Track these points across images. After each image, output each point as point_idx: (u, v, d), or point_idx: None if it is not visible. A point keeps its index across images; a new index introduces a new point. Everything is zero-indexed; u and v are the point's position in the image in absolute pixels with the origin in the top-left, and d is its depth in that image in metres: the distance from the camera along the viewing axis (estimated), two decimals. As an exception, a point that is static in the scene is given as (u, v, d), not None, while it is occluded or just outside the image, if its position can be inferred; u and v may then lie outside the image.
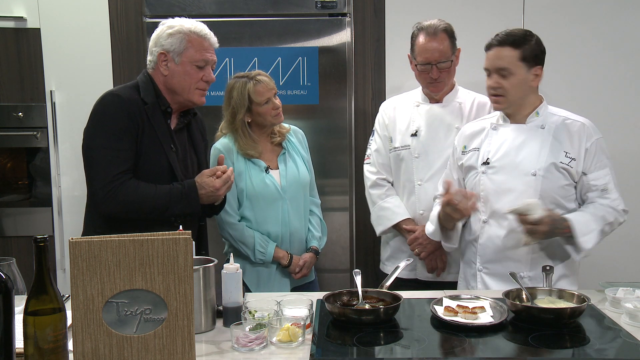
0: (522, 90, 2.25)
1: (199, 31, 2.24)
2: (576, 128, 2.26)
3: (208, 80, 2.27)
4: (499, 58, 2.23)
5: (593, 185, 2.23)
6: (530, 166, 2.23)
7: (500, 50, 2.23)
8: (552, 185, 2.21)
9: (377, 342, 1.74)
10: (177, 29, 2.22)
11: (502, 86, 2.23)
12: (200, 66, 2.24)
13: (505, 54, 2.22)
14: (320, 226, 2.80)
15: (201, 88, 2.27)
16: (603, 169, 2.24)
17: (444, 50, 2.55)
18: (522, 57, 2.21)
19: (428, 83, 2.62)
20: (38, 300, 1.44)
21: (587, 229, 2.16)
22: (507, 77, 2.22)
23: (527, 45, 2.22)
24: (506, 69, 2.22)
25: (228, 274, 1.86)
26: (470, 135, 2.41)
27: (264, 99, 2.56)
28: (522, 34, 2.25)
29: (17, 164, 3.41)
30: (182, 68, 2.23)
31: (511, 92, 2.24)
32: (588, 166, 2.23)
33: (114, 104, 2.17)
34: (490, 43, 2.26)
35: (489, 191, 2.28)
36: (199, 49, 2.23)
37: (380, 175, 2.77)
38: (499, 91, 2.25)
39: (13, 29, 3.20)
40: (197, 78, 2.25)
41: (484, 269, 2.32)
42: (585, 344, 1.71)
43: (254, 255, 2.60)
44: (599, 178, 2.23)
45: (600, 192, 2.22)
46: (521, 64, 2.22)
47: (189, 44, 2.22)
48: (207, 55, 2.25)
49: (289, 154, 2.69)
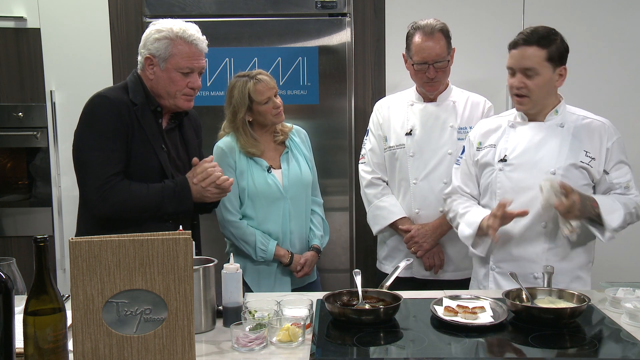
0: (546, 91, 2.21)
1: (187, 37, 2.18)
2: (596, 127, 2.23)
3: (194, 87, 2.23)
4: (525, 57, 2.16)
5: (617, 184, 2.21)
6: (549, 164, 2.20)
7: (527, 49, 2.16)
8: (571, 184, 2.15)
9: (377, 342, 1.74)
10: (164, 34, 2.17)
11: (527, 86, 2.18)
12: (186, 73, 2.20)
13: (532, 54, 2.15)
14: (323, 225, 2.80)
15: (187, 94, 2.23)
16: (624, 168, 2.23)
17: (441, 50, 2.56)
18: (549, 57, 2.16)
19: (424, 82, 2.63)
20: (38, 300, 1.44)
21: (612, 208, 2.13)
22: (533, 77, 2.17)
23: (553, 45, 2.17)
24: (532, 69, 2.16)
25: (228, 274, 1.86)
26: (486, 132, 2.37)
27: (264, 98, 2.56)
28: (548, 32, 2.18)
29: (17, 164, 3.41)
30: (167, 74, 2.19)
31: (535, 93, 2.19)
32: (610, 165, 2.21)
33: (102, 105, 2.16)
34: (516, 41, 2.19)
35: (506, 189, 2.24)
36: (185, 56, 2.18)
37: (375, 175, 2.77)
38: (523, 91, 2.19)
39: (13, 29, 3.20)
40: (182, 85, 2.20)
41: (497, 267, 2.29)
42: (585, 344, 1.71)
43: (255, 254, 2.60)
44: (621, 176, 2.21)
45: (623, 190, 2.21)
46: (547, 64, 2.17)
47: (174, 50, 2.17)
48: (192, 62, 2.19)
49: (291, 153, 2.69)
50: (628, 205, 2.18)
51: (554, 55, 2.17)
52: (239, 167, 2.59)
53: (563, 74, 2.22)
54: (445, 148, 2.64)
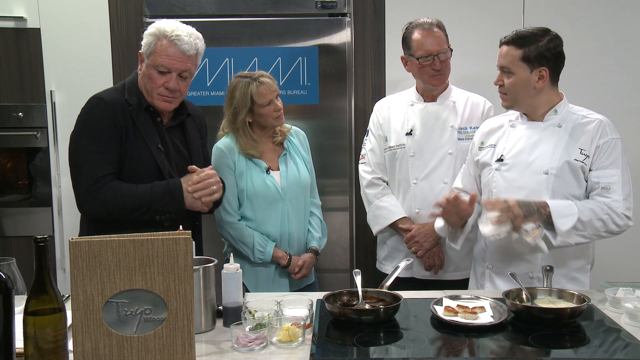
0: (523, 91, 2.22)
1: (173, 37, 2.16)
2: (592, 125, 2.21)
3: (169, 88, 2.19)
4: (501, 56, 2.23)
5: (595, 183, 2.16)
6: (542, 165, 2.20)
7: (503, 48, 2.22)
8: (565, 184, 2.17)
9: (377, 342, 1.74)
10: (152, 31, 2.19)
11: (505, 84, 2.23)
12: (162, 72, 2.18)
13: (507, 53, 2.21)
14: (321, 227, 2.80)
15: (162, 94, 2.21)
16: (612, 169, 2.16)
17: (442, 41, 2.59)
18: (524, 57, 2.18)
19: (431, 77, 2.61)
20: (38, 300, 1.44)
21: (567, 212, 2.10)
22: (509, 76, 2.21)
23: (532, 46, 2.17)
24: (506, 67, 2.21)
25: (228, 274, 1.86)
26: (488, 131, 2.39)
27: (266, 101, 2.56)
28: (531, 33, 2.20)
29: (17, 164, 3.41)
30: (147, 70, 2.20)
31: (511, 91, 2.22)
32: (595, 163, 2.18)
33: (97, 107, 2.17)
34: (500, 40, 2.26)
35: (500, 188, 2.26)
36: (164, 54, 2.16)
37: (375, 175, 2.77)
38: (502, 89, 2.25)
39: (13, 29, 3.20)
40: (158, 84, 2.19)
41: (493, 267, 2.30)
42: (585, 344, 1.71)
43: (253, 255, 2.59)
44: (604, 177, 2.16)
45: (600, 190, 2.15)
46: (522, 64, 2.18)
47: (156, 47, 2.17)
48: (171, 62, 2.17)
49: (290, 155, 2.69)
50: (596, 212, 2.11)
51: (530, 55, 2.17)
52: (238, 168, 2.59)
53: (545, 76, 2.19)
54: (445, 148, 2.64)
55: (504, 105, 2.29)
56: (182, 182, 2.23)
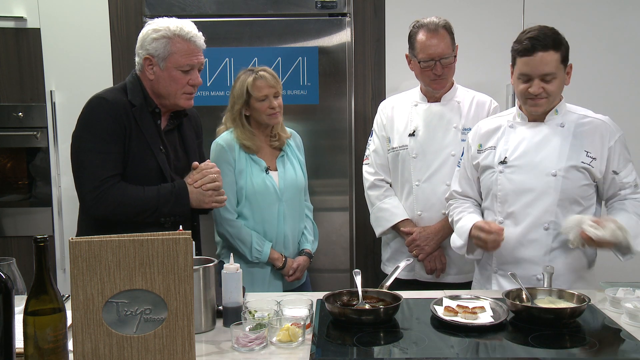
0: (560, 92, 2.21)
1: (184, 34, 2.18)
2: (597, 126, 2.21)
3: (194, 84, 2.24)
4: (545, 63, 2.11)
5: (626, 183, 2.19)
6: (550, 166, 2.18)
7: (545, 55, 2.10)
8: (572, 185, 2.16)
9: (377, 342, 1.74)
10: (162, 33, 2.18)
11: (546, 90, 2.15)
12: (186, 70, 2.20)
13: (551, 58, 2.11)
14: (313, 230, 2.80)
15: (188, 92, 2.24)
16: (629, 165, 2.21)
17: (446, 46, 2.55)
18: (562, 58, 2.15)
19: (431, 80, 2.60)
20: (38, 300, 1.44)
21: (636, 231, 2.10)
22: (551, 82, 2.14)
23: (563, 46, 2.15)
24: (551, 73, 2.12)
25: (228, 274, 1.86)
26: (485, 133, 2.35)
27: (261, 95, 2.56)
28: (555, 33, 2.14)
29: (17, 164, 3.41)
30: (167, 73, 2.19)
31: (554, 95, 2.18)
32: (616, 165, 2.18)
33: (100, 107, 2.16)
34: (530, 47, 2.11)
35: (506, 191, 2.23)
36: (184, 54, 2.18)
37: (378, 176, 2.76)
38: (542, 95, 2.16)
39: (13, 29, 3.20)
40: (184, 83, 2.21)
41: (499, 270, 2.28)
42: (585, 344, 1.71)
43: (250, 254, 2.59)
44: (629, 175, 2.20)
45: (633, 189, 2.20)
46: (562, 65, 2.15)
47: (173, 49, 2.17)
48: (192, 59, 2.20)
49: (287, 156, 2.69)
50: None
51: (565, 55, 2.16)
52: (238, 165, 2.59)
53: (569, 72, 2.21)
54: (448, 149, 2.62)
55: (540, 110, 2.21)
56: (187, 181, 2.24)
